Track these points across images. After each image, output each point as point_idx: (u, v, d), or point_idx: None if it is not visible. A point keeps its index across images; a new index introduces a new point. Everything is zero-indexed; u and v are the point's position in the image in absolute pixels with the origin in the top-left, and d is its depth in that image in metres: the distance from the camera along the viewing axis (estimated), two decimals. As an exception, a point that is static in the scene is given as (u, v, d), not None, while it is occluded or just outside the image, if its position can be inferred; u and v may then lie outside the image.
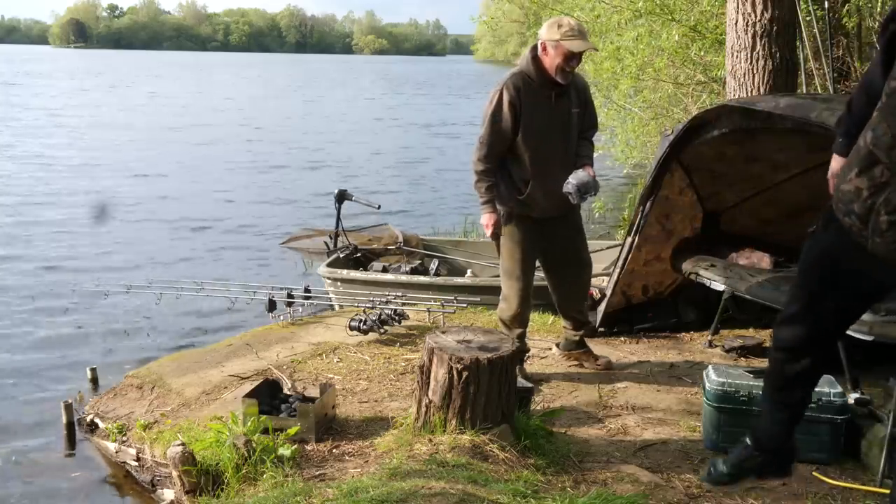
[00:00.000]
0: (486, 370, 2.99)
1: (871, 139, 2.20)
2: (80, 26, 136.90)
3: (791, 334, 2.51)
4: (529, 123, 3.81)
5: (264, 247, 9.63)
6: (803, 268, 2.52)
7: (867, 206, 2.22)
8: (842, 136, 2.46)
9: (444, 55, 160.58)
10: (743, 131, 4.06)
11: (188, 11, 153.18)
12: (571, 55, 3.71)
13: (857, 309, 2.49)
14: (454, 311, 5.24)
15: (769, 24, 5.29)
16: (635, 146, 11.01)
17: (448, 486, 2.56)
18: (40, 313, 7.08)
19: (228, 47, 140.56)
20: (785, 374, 2.53)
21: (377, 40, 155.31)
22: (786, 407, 2.56)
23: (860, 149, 2.25)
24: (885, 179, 2.17)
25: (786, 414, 2.57)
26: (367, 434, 3.47)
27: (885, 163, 2.18)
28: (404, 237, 7.21)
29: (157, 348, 6.15)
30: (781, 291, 4.12)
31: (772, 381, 2.60)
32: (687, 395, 3.97)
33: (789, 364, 2.52)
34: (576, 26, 3.75)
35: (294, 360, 4.55)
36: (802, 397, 2.57)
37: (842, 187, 2.30)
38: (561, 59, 3.70)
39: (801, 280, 2.53)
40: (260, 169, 15.67)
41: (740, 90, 5.43)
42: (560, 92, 3.83)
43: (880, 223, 2.19)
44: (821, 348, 2.52)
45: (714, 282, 4.44)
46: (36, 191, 12.98)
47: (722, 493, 2.93)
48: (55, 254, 9.17)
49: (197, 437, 3.45)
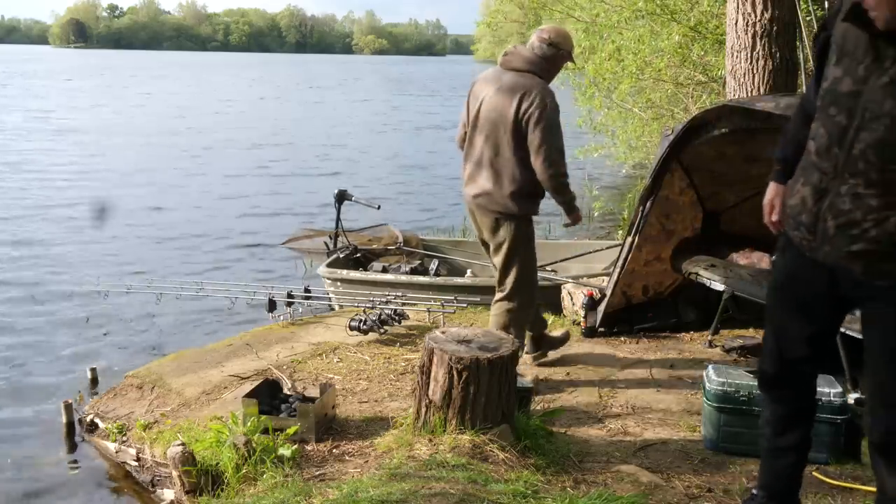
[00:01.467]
0: (486, 370, 2.99)
1: (813, 147, 2.20)
2: (80, 26, 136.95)
3: (767, 370, 2.49)
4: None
5: (264, 247, 9.62)
6: (768, 299, 2.49)
7: (813, 214, 2.20)
8: (779, 164, 2.44)
9: (444, 55, 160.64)
10: (743, 131, 4.07)
11: (188, 11, 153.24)
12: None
13: (825, 333, 2.41)
14: (454, 311, 5.24)
15: (769, 24, 5.29)
16: (636, 146, 11.01)
17: (448, 487, 2.56)
18: (40, 313, 7.07)
19: (228, 47, 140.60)
20: (777, 416, 2.48)
21: (377, 40, 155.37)
22: (786, 452, 2.48)
23: (803, 161, 2.25)
24: (826, 185, 2.16)
25: (790, 459, 2.49)
26: (367, 434, 3.47)
27: (824, 168, 2.17)
28: (404, 237, 7.21)
29: (157, 348, 6.14)
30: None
31: (769, 427, 2.52)
32: (687, 395, 3.97)
33: (775, 404, 2.48)
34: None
35: (294, 360, 4.55)
36: (800, 440, 2.48)
37: (789, 203, 2.30)
38: (560, 70, 4.00)
39: (767, 312, 2.48)
40: (260, 169, 15.66)
41: (740, 90, 5.43)
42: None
43: (828, 229, 2.17)
44: (801, 381, 2.46)
45: (714, 282, 4.44)
46: (36, 191, 12.98)
47: (722, 492, 2.94)
48: (55, 254, 9.16)
49: (197, 437, 3.45)
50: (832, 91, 2.14)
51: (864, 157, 2.07)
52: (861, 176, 2.08)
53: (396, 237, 7.20)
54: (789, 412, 2.47)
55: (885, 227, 2.08)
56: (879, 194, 2.07)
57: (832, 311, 2.35)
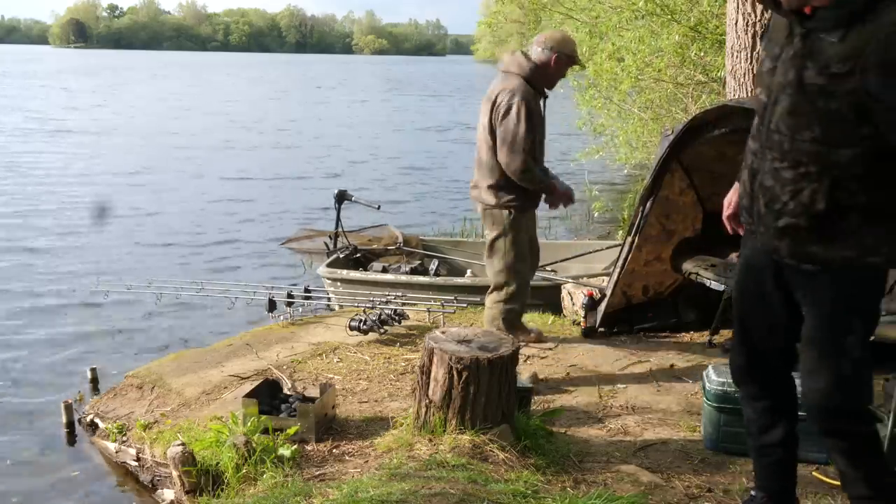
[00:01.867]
0: (486, 370, 2.99)
1: (751, 133, 2.26)
2: (80, 26, 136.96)
3: (737, 360, 2.50)
4: (535, 130, 4.07)
5: (264, 247, 9.63)
6: (734, 291, 2.52)
7: (750, 196, 2.24)
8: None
9: (444, 55, 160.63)
10: (743, 131, 4.04)
11: (188, 11, 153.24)
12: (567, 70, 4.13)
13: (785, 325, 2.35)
14: (454, 311, 5.24)
15: (769, 24, 5.28)
16: (636, 146, 11.01)
17: (448, 486, 2.56)
18: (40, 313, 7.08)
19: (228, 47, 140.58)
20: (757, 413, 2.47)
21: (377, 40, 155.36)
22: (772, 449, 2.46)
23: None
24: (756, 165, 2.21)
25: (777, 455, 2.47)
26: (367, 434, 3.47)
27: (754, 148, 2.22)
28: (404, 237, 7.21)
29: (157, 348, 6.15)
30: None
31: (752, 425, 2.51)
32: (687, 395, 3.97)
33: (753, 401, 2.48)
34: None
35: (294, 360, 4.55)
36: (784, 436, 2.45)
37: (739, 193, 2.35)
38: (563, 73, 4.08)
39: (734, 303, 2.51)
40: (260, 169, 15.66)
41: (740, 90, 5.42)
42: (543, 99, 4.18)
43: (760, 209, 2.20)
44: (773, 376, 2.45)
45: (714, 282, 4.44)
46: (36, 191, 12.98)
47: (721, 492, 2.94)
48: (55, 254, 9.17)
49: (197, 437, 3.45)
50: (758, 73, 2.25)
51: (777, 130, 2.13)
52: (777, 149, 2.13)
53: (396, 237, 7.20)
54: (768, 408, 2.46)
55: (800, 199, 2.10)
56: (792, 166, 2.11)
57: (785, 302, 2.31)
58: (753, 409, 2.49)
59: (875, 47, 1.92)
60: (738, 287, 2.47)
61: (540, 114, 4.10)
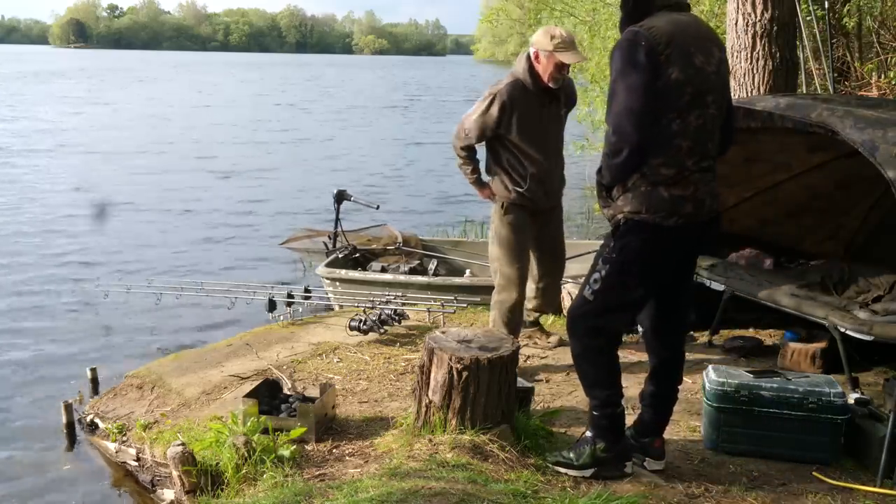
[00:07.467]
0: (486, 370, 2.99)
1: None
2: (80, 26, 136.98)
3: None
4: (525, 126, 4.05)
5: (264, 247, 9.62)
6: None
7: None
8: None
9: (444, 55, 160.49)
10: (743, 131, 4.06)
11: (188, 11, 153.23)
12: (562, 65, 3.96)
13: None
14: (454, 311, 5.24)
15: (769, 24, 5.29)
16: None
17: (448, 486, 2.56)
18: (40, 313, 7.08)
19: (228, 47, 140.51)
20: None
21: (377, 40, 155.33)
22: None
23: None
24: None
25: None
26: (367, 434, 3.47)
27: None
28: (403, 237, 7.21)
29: (157, 348, 6.14)
30: (781, 291, 4.12)
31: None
32: (687, 395, 3.96)
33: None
34: (567, 37, 3.96)
35: (294, 360, 4.55)
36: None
37: None
38: (553, 69, 3.96)
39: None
40: (259, 169, 15.66)
41: (740, 90, 5.42)
42: (551, 96, 4.10)
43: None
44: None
45: (714, 282, 4.44)
46: (35, 191, 12.98)
47: (721, 492, 2.94)
48: (55, 254, 9.16)
49: (197, 437, 3.45)
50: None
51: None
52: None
53: (396, 237, 7.20)
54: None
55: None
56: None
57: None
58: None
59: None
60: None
61: (533, 110, 4.03)
